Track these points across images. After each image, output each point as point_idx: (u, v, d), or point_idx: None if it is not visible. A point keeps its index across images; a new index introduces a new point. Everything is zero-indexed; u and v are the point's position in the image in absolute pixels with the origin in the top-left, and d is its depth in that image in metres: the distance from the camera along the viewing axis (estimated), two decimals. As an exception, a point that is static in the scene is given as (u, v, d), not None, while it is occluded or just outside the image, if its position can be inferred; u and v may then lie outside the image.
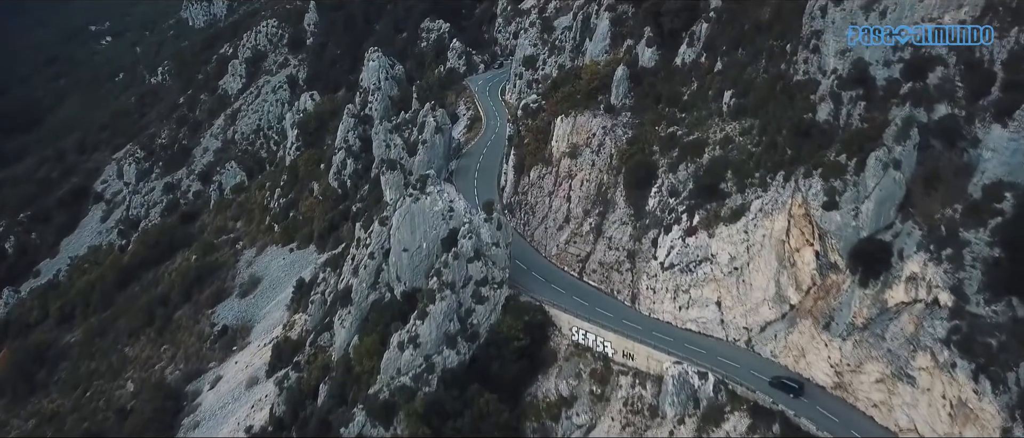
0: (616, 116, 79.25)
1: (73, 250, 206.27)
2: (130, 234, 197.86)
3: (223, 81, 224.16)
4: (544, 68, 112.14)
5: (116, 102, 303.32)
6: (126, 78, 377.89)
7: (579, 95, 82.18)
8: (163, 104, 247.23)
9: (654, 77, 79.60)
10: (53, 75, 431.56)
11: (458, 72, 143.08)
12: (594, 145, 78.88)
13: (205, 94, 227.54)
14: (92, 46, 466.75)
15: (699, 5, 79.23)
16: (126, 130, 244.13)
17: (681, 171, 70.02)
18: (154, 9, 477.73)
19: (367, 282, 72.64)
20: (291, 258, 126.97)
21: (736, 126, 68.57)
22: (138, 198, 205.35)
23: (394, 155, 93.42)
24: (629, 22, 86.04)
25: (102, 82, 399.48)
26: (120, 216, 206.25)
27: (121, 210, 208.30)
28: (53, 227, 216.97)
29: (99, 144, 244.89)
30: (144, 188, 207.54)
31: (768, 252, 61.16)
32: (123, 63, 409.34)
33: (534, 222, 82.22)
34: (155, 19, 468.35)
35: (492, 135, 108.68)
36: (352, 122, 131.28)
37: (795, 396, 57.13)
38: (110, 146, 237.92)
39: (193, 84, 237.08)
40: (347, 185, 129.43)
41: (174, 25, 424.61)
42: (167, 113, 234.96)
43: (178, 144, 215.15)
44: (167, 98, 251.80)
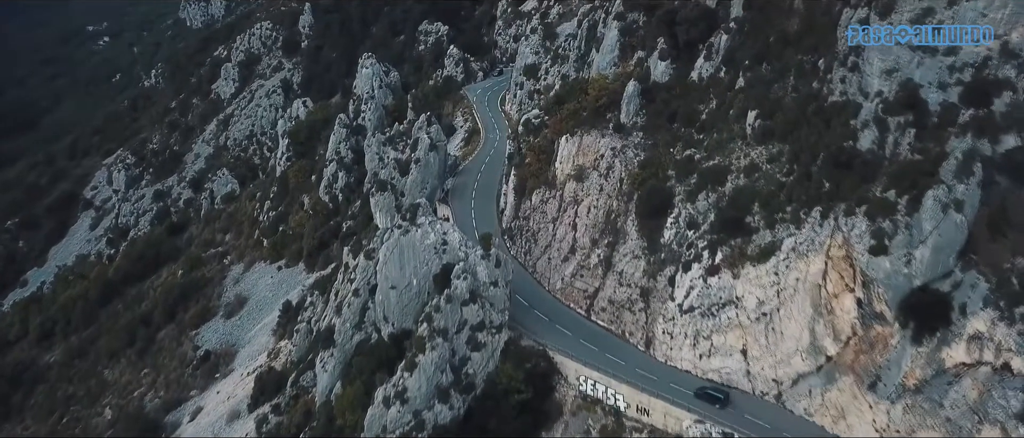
0: (626, 136, 71.42)
1: (61, 259, 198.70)
2: (119, 243, 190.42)
3: (216, 85, 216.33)
4: (546, 77, 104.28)
5: (110, 105, 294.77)
6: (123, 79, 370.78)
7: (585, 112, 74.35)
8: (156, 108, 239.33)
9: (668, 93, 71.73)
10: (50, 76, 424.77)
11: (455, 80, 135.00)
12: (602, 168, 71.03)
13: (198, 98, 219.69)
14: (90, 47, 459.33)
15: (718, 14, 71.32)
16: (118, 135, 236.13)
17: (701, 200, 62.16)
18: (152, 9, 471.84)
19: (351, 322, 64.85)
20: (279, 277, 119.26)
21: (763, 152, 60.70)
22: (127, 206, 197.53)
23: (385, 175, 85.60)
24: (640, 32, 78.02)
25: (99, 83, 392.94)
26: (109, 224, 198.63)
27: (110, 218, 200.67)
28: (42, 235, 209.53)
29: (90, 149, 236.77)
30: (134, 195, 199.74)
31: (802, 297, 53.37)
32: (120, 64, 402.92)
33: (536, 251, 74.40)
34: (153, 19, 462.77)
35: (491, 150, 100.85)
36: (344, 133, 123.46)
37: (721, 406, 53.72)
38: (101, 151, 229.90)
39: (186, 88, 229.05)
40: (339, 199, 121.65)
41: (172, 26, 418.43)
42: (159, 118, 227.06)
43: (169, 150, 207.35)
44: (160, 102, 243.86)
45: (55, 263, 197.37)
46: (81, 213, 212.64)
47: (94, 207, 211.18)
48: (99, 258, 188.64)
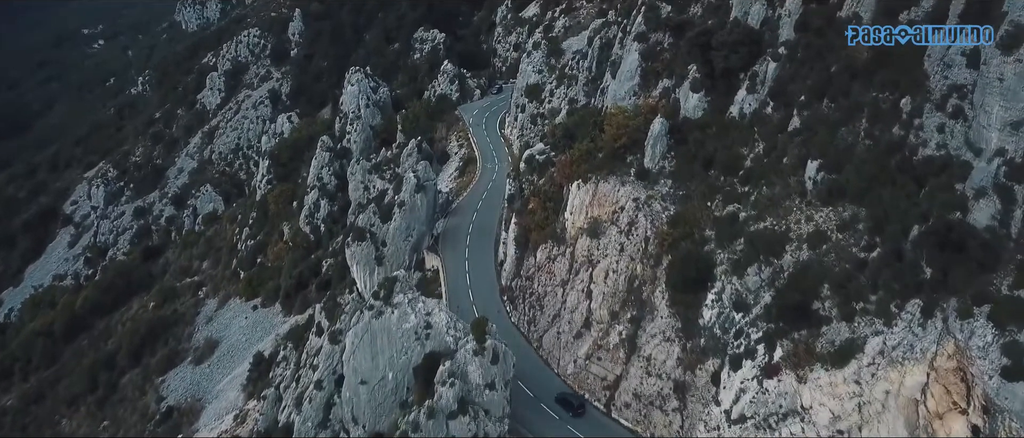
0: (652, 184, 57.82)
1: (38, 278, 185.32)
2: (97, 263, 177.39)
3: (202, 95, 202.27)
4: (551, 100, 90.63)
5: (97, 112, 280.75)
6: (116, 83, 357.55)
7: (601, 153, 60.64)
8: (140, 118, 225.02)
9: (702, 133, 58.00)
10: (44, 79, 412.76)
11: (450, 99, 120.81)
12: (622, 223, 57.41)
13: (183, 109, 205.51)
14: (84, 50, 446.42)
15: (763, 36, 57.59)
16: (101, 145, 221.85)
17: (751, 275, 48.50)
18: (148, 12, 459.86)
19: (314, 420, 51.27)
20: (254, 318, 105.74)
21: (831, 215, 47.03)
22: (106, 223, 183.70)
23: (364, 221, 71.80)
24: (665, 55, 64.09)
25: (92, 87, 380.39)
26: (87, 243, 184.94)
27: (89, 236, 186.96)
28: (18, 252, 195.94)
29: (72, 160, 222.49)
30: (113, 212, 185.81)
31: (893, 416, 39.78)
32: (115, 68, 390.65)
33: (542, 320, 60.82)
34: (148, 22, 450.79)
35: (489, 183, 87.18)
36: (327, 157, 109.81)
37: (573, 415, 51.54)
38: (83, 163, 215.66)
39: (171, 97, 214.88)
40: (321, 230, 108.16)
41: (167, 29, 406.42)
42: (143, 128, 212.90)
43: (152, 164, 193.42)
44: (146, 111, 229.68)
45: (31, 283, 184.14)
46: (60, 229, 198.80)
47: (73, 223, 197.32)
48: (76, 279, 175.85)
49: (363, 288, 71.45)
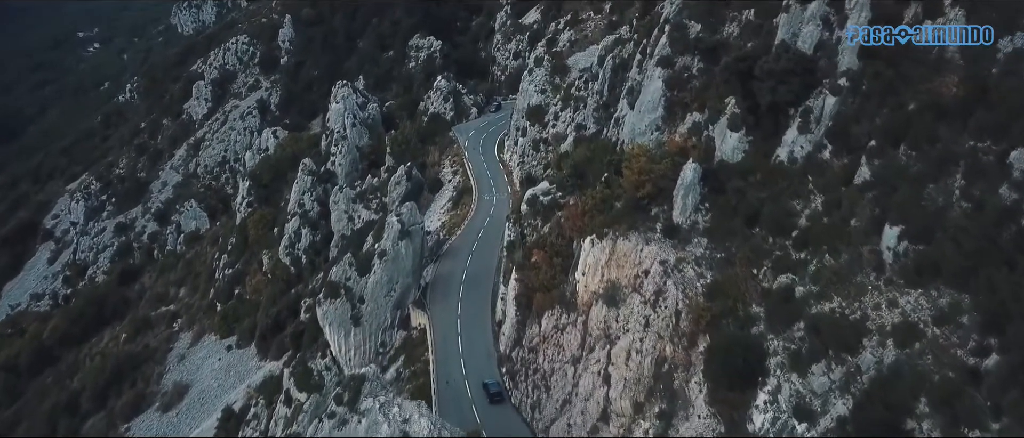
0: (683, 244, 46.80)
1: (15, 298, 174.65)
2: (76, 282, 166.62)
3: (188, 104, 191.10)
4: (556, 124, 79.68)
5: (85, 120, 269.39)
6: (111, 87, 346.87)
7: (619, 202, 49.68)
8: (126, 127, 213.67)
9: (743, 181, 46.94)
10: (38, 83, 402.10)
11: (443, 119, 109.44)
12: (647, 290, 46.39)
13: (168, 118, 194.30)
14: (80, 53, 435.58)
15: (818, 64, 46.49)
16: (85, 156, 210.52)
17: (816, 374, 37.46)
18: (144, 15, 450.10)
19: None
20: (227, 359, 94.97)
21: (922, 302, 35.97)
22: (86, 240, 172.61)
23: (338, 274, 60.65)
24: (695, 84, 53.05)
25: (87, 92, 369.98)
26: (67, 260, 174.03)
27: (69, 253, 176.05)
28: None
29: (55, 171, 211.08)
30: (94, 228, 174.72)
31: None
32: (110, 72, 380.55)
33: (548, 406, 49.87)
34: (145, 25, 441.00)
35: (486, 218, 76.23)
36: (309, 181, 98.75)
37: (491, 402, 50.18)
38: (66, 175, 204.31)
39: (157, 106, 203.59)
40: (301, 262, 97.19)
41: (163, 32, 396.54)
42: (128, 139, 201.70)
43: (135, 176, 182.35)
44: (132, 120, 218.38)
45: (8, 302, 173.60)
46: (40, 245, 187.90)
47: (54, 239, 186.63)
48: (53, 299, 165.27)
49: (338, 352, 60.79)
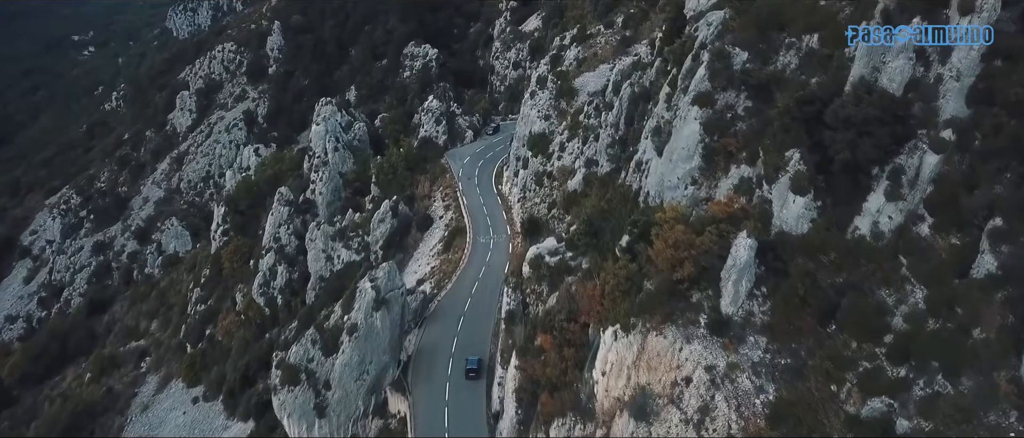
0: (736, 343, 35.28)
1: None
2: (51, 304, 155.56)
3: (172, 115, 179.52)
4: (561, 156, 68.24)
5: (71, 130, 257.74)
6: (105, 92, 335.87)
7: (650, 282, 38.20)
8: (110, 138, 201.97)
9: (813, 261, 35.44)
10: (30, 88, 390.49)
11: (435, 143, 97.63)
12: (689, 404, 34.91)
13: (151, 130, 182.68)
14: (73, 57, 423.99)
15: (912, 109, 34.99)
16: (66, 168, 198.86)
17: None
18: (139, 19, 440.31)
19: None
20: (193, 413, 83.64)
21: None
22: (63, 260, 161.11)
23: (299, 355, 49.31)
24: (741, 129, 41.55)
25: (79, 97, 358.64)
26: (43, 280, 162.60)
27: (45, 272, 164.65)
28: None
29: (35, 184, 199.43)
30: (71, 247, 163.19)
31: None
32: (104, 76, 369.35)
33: None
34: (140, 29, 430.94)
35: (482, 266, 64.73)
36: (286, 212, 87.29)
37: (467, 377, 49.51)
38: (46, 188, 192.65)
39: (141, 117, 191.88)
40: (277, 303, 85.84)
41: (158, 36, 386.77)
42: (111, 150, 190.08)
43: (115, 192, 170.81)
44: (116, 131, 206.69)
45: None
46: (17, 262, 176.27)
47: (31, 256, 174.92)
48: (28, 323, 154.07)
49: (300, 448, 49.79)
